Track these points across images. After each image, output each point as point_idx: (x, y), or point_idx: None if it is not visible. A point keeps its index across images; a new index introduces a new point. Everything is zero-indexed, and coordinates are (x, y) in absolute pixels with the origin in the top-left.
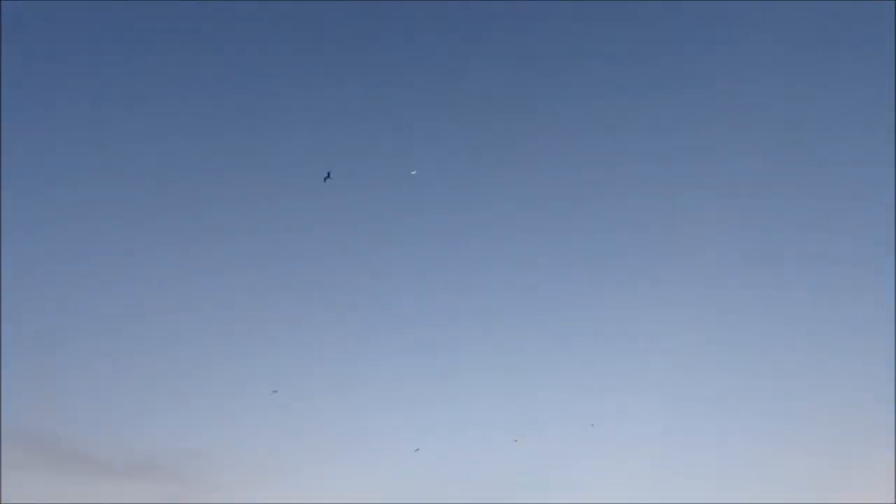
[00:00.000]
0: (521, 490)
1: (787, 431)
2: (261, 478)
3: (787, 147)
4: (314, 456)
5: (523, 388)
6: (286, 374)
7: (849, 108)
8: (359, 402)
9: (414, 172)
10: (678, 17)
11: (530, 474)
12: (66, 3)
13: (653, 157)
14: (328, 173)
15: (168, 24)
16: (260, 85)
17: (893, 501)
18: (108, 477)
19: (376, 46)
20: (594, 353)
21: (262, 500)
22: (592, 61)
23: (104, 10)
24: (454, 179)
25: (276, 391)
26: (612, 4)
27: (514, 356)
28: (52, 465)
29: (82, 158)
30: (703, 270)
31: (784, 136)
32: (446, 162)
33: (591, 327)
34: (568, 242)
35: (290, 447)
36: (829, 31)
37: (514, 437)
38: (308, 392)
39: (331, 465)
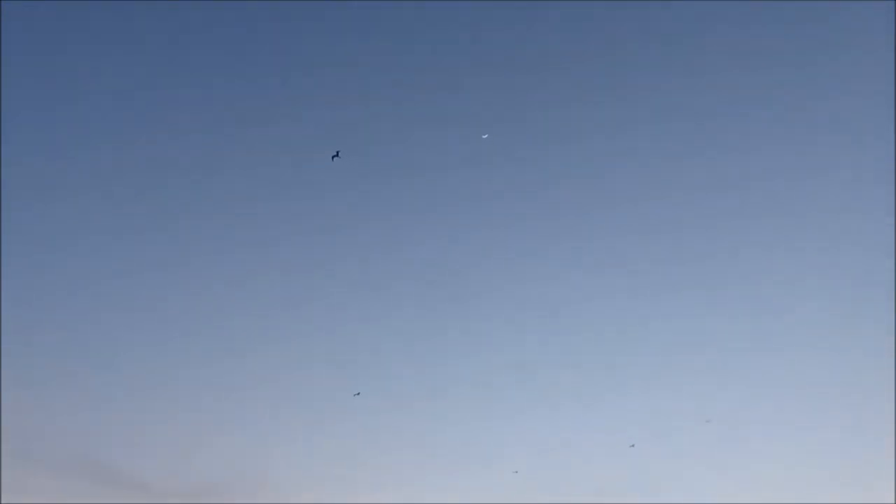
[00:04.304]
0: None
1: (787, 431)
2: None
3: (786, 147)
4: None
5: (637, 387)
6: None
7: (849, 108)
8: (467, 410)
9: (486, 136)
10: (678, 17)
11: (645, 475)
12: (66, 4)
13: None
14: (337, 152)
15: (166, 25)
16: (264, 86)
17: (893, 502)
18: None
19: (379, 48)
20: (711, 350)
21: None
22: (595, 63)
23: (101, 11)
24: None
25: (358, 393)
26: (613, 5)
27: (626, 356)
28: (109, 493)
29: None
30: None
31: (784, 137)
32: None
33: (706, 324)
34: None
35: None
36: (830, 31)
37: (630, 441)
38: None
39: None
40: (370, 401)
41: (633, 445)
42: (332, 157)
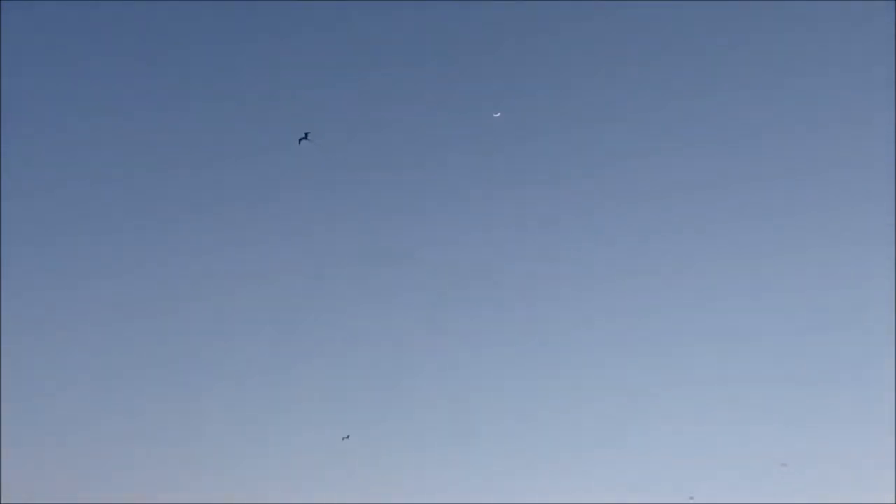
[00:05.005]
0: None
1: (786, 430)
2: None
3: (785, 148)
4: None
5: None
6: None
7: (848, 109)
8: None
9: (498, 114)
10: (676, 16)
11: None
12: (65, 3)
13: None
14: (305, 134)
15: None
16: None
17: (893, 502)
18: None
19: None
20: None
21: None
22: (594, 61)
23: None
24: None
25: (347, 437)
26: (609, 5)
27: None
28: None
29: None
30: None
31: (783, 137)
32: None
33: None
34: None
35: None
36: (830, 31)
37: (689, 495)
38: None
39: None
40: (361, 447)
41: (692, 498)
42: (300, 141)
